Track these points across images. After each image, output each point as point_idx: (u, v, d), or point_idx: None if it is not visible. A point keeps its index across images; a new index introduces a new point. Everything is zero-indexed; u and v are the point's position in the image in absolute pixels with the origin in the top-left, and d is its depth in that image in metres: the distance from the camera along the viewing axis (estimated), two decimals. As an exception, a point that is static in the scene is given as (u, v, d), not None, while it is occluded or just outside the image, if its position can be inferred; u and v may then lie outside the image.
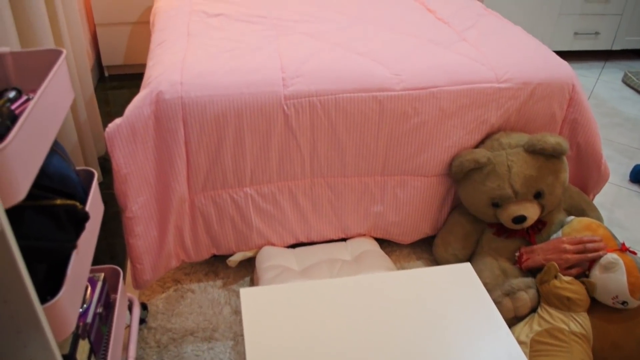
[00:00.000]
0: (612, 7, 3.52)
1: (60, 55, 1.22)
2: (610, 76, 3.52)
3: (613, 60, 3.77)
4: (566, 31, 3.54)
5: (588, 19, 3.53)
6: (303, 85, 1.54)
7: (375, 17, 2.00)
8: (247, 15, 1.93)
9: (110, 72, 3.26)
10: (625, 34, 3.65)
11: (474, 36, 1.88)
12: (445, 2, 2.21)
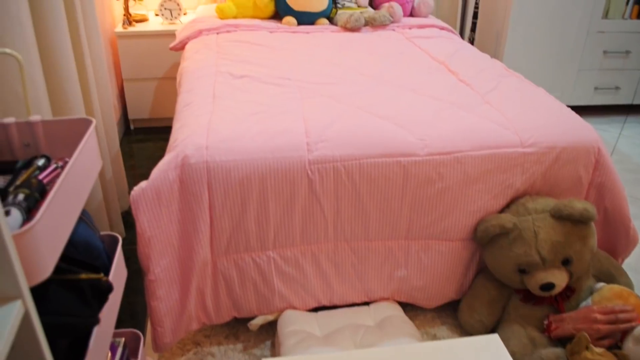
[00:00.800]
0: (631, 62, 3.53)
1: (90, 124, 1.24)
2: (632, 131, 3.49)
3: (635, 115, 3.75)
4: (586, 86, 3.54)
5: (608, 73, 3.53)
6: (327, 150, 1.54)
7: (398, 78, 2.01)
8: (272, 77, 1.96)
9: (135, 125, 3.32)
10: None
11: (496, 99, 1.88)
12: (466, 63, 2.23)
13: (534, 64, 3.39)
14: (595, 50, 3.43)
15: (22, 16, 1.53)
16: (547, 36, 3.33)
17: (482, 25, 3.57)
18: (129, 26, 3.04)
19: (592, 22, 3.35)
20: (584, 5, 3.29)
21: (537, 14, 3.25)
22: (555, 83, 3.47)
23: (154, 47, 3.03)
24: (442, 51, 2.35)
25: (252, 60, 2.15)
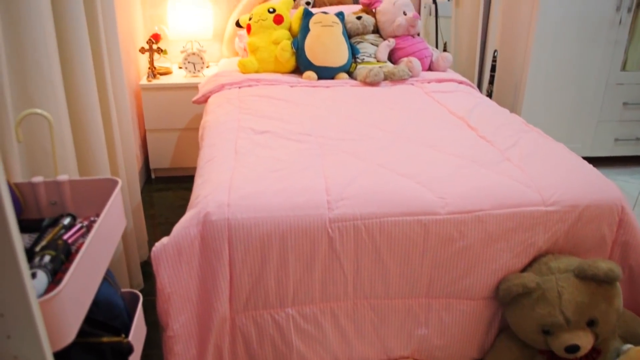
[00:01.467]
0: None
1: (116, 185, 1.26)
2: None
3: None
4: (607, 137, 3.52)
5: (628, 125, 3.52)
6: (348, 209, 1.55)
7: (417, 135, 2.03)
8: (292, 133, 1.99)
9: (156, 174, 3.36)
10: (667, 138, 3.62)
11: (517, 155, 1.89)
12: (486, 118, 2.24)
13: (553, 115, 3.40)
14: (615, 101, 3.44)
15: (54, 76, 1.58)
16: (565, 88, 3.35)
17: (500, 78, 3.60)
18: (153, 79, 3.13)
19: (611, 74, 3.36)
20: (601, 58, 3.31)
21: (555, 66, 3.27)
22: (575, 134, 3.47)
23: (177, 99, 3.10)
24: (461, 106, 2.37)
25: (273, 115, 2.19)
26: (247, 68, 2.78)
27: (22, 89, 1.50)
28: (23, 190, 1.31)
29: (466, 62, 3.81)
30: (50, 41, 1.56)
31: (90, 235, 1.05)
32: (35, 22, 1.49)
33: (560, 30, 3.20)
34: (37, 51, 1.50)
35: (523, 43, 3.30)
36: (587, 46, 3.27)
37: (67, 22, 1.71)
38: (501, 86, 3.60)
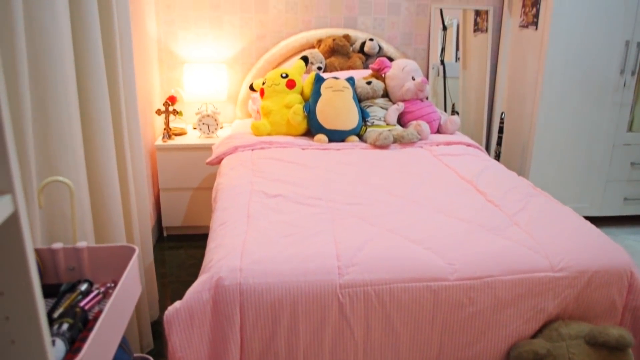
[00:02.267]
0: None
1: (133, 253, 1.30)
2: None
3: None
4: (615, 197, 3.54)
5: (636, 184, 3.54)
6: (358, 274, 1.57)
7: (426, 199, 2.07)
8: (304, 197, 2.04)
9: (168, 232, 3.41)
10: (677, 197, 3.63)
11: (525, 220, 1.91)
12: (494, 182, 2.28)
13: (562, 175, 3.43)
14: (623, 162, 3.47)
15: (76, 144, 1.65)
16: (573, 149, 3.39)
17: (508, 139, 3.66)
18: (168, 139, 3.22)
19: (618, 135, 3.42)
20: (608, 119, 3.37)
21: (561, 128, 3.33)
22: (584, 194, 3.49)
23: (191, 159, 3.18)
24: (470, 170, 2.41)
25: (285, 178, 2.24)
26: (260, 131, 2.86)
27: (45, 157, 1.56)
28: (43, 256, 1.35)
29: (474, 123, 3.88)
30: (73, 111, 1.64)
31: (107, 305, 1.08)
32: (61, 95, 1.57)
33: (566, 92, 3.27)
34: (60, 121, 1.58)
35: (530, 105, 3.38)
36: (593, 108, 3.33)
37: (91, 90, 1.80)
38: (509, 147, 3.65)
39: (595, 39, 3.21)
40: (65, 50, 1.58)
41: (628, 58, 3.27)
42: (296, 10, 3.53)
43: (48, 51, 1.52)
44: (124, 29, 2.10)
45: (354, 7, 3.59)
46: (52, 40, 1.53)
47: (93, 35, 1.77)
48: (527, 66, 3.42)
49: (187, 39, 3.49)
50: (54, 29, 1.53)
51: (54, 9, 1.52)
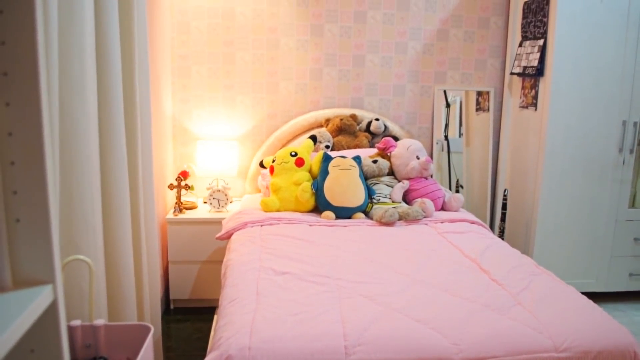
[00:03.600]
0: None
1: (149, 332, 1.36)
2: (673, 317, 3.43)
3: (674, 300, 3.70)
4: (621, 272, 3.56)
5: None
6: (364, 354, 1.60)
7: (431, 277, 2.11)
8: (312, 275, 2.09)
9: (175, 304, 3.43)
10: (684, 274, 3.64)
11: (528, 300, 1.95)
12: (497, 261, 2.33)
13: (567, 251, 3.47)
14: (626, 237, 3.52)
15: (96, 222, 1.73)
16: (576, 225, 3.45)
17: (512, 216, 3.73)
18: (179, 213, 3.31)
19: (620, 211, 3.48)
20: (609, 196, 3.44)
21: (564, 205, 3.40)
22: (589, 270, 3.52)
23: (201, 233, 3.26)
24: (474, 247, 2.47)
25: (293, 255, 2.30)
26: (269, 207, 2.95)
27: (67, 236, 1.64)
28: (61, 335, 1.40)
29: (478, 198, 3.97)
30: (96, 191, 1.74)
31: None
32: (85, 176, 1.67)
33: (567, 170, 3.37)
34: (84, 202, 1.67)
35: (532, 182, 3.46)
36: (594, 185, 3.42)
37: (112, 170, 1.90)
38: (513, 224, 3.71)
39: (593, 119, 3.34)
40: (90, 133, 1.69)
41: (626, 137, 3.39)
42: (305, 91, 3.71)
43: (75, 136, 1.64)
44: (145, 110, 2.23)
45: (361, 89, 3.76)
46: (79, 126, 1.64)
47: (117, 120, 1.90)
48: (528, 145, 3.53)
49: (201, 116, 3.65)
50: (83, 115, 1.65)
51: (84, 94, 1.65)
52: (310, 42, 3.66)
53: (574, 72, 3.26)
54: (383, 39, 3.73)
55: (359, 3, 3.66)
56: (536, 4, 3.41)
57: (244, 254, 2.36)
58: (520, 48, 3.60)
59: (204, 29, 3.56)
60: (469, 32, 3.82)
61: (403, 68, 3.79)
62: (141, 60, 2.16)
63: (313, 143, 3.23)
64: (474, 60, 3.86)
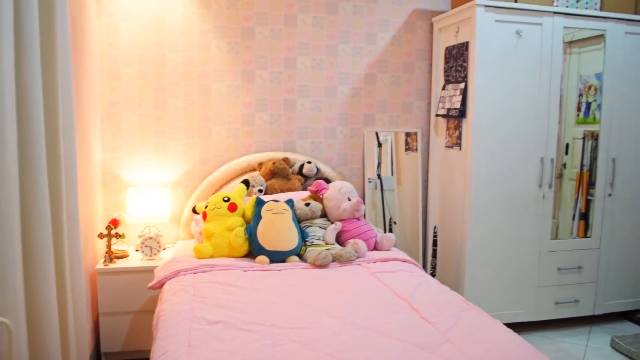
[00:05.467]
0: (585, 275, 3.77)
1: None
2: (598, 341, 3.59)
3: (598, 324, 3.88)
4: (547, 301, 3.72)
5: (566, 288, 3.74)
6: (298, 403, 1.60)
7: (364, 319, 2.15)
8: (245, 323, 2.08)
9: (107, 358, 3.30)
10: (604, 298, 3.84)
11: (457, 336, 2.01)
12: (427, 298, 2.39)
13: (496, 284, 3.60)
14: (550, 268, 3.69)
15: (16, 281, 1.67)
16: (503, 258, 3.59)
17: (443, 252, 3.85)
18: (110, 263, 3.21)
19: (543, 243, 3.66)
20: (532, 229, 3.62)
21: (491, 239, 3.55)
22: (518, 301, 3.65)
23: (133, 282, 3.17)
24: (405, 286, 2.53)
25: (226, 303, 2.28)
26: (203, 254, 2.92)
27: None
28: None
29: (411, 235, 4.07)
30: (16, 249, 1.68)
31: None
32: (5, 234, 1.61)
33: (492, 206, 3.52)
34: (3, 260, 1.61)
35: (460, 219, 3.60)
36: (518, 219, 3.58)
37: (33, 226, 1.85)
38: (444, 260, 3.83)
39: (513, 157, 3.53)
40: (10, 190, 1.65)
41: (544, 173, 3.59)
42: (238, 136, 3.74)
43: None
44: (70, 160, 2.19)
45: (293, 132, 3.83)
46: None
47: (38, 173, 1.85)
48: (455, 182, 3.68)
49: (132, 163, 3.60)
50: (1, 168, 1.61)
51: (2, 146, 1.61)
52: (241, 87, 3.71)
53: (493, 113, 3.45)
54: (313, 84, 3.83)
55: (288, 49, 3.76)
56: (457, 49, 3.60)
57: (176, 304, 2.32)
58: (444, 91, 3.78)
59: (134, 76, 3.54)
60: (395, 76, 3.98)
61: (333, 111, 3.89)
62: (65, 108, 2.13)
63: (246, 187, 3.24)
64: (400, 103, 4.02)
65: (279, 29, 3.73)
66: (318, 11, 3.79)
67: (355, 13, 3.86)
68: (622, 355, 3.36)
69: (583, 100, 3.87)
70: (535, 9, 3.44)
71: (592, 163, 3.78)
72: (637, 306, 3.96)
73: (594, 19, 3.59)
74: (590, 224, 3.80)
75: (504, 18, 3.40)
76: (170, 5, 3.55)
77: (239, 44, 3.67)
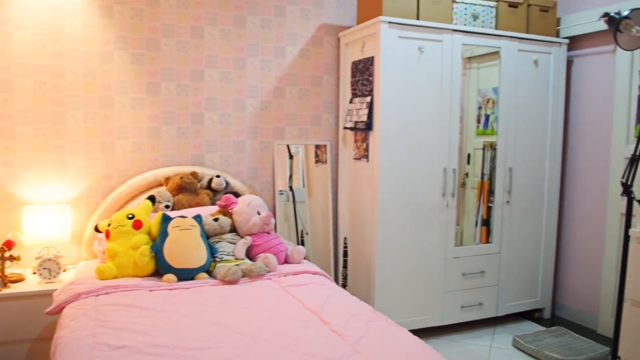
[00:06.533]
0: (488, 279, 3.96)
1: None
2: (501, 341, 3.77)
3: (501, 325, 4.08)
4: (453, 306, 3.86)
5: (471, 292, 3.91)
6: None
7: (274, 336, 2.13)
8: (150, 346, 2.00)
9: (0, 392, 3.08)
10: (505, 300, 4.05)
11: (366, 347, 2.04)
12: (337, 310, 2.41)
13: (404, 291, 3.69)
14: (455, 273, 3.84)
15: None
16: (411, 266, 3.69)
17: (354, 262, 3.90)
18: (4, 287, 3.00)
19: (448, 250, 3.80)
20: (437, 237, 3.75)
21: (399, 248, 3.64)
22: (426, 307, 3.76)
23: (30, 307, 2.98)
24: (315, 299, 2.54)
25: (130, 326, 2.19)
26: (105, 275, 2.79)
27: None
28: None
29: (322, 247, 4.11)
30: None
31: None
32: None
33: (399, 216, 3.62)
34: None
35: (369, 229, 3.67)
36: (424, 228, 3.70)
37: None
38: (355, 270, 3.89)
39: (418, 168, 3.65)
40: None
41: (447, 183, 3.74)
42: (143, 150, 3.62)
43: None
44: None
45: (201, 146, 3.76)
46: None
47: None
48: (363, 194, 3.76)
49: (27, 180, 3.38)
50: None
51: None
52: (146, 100, 3.60)
53: (399, 126, 3.56)
54: (221, 97, 3.79)
55: (195, 62, 3.70)
56: (363, 64, 3.69)
57: (76, 330, 2.19)
58: (351, 104, 3.86)
59: (29, 87, 3.34)
60: (303, 89, 4.02)
61: (242, 124, 3.86)
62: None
63: (151, 204, 3.14)
64: (309, 116, 4.06)
65: (185, 40, 3.66)
66: (226, 24, 3.76)
67: (263, 27, 3.86)
68: (523, 354, 3.55)
69: (482, 112, 4.08)
70: (435, 27, 3.59)
71: (492, 172, 3.99)
72: (536, 306, 4.22)
73: (489, 36, 3.80)
74: (491, 229, 4.00)
75: (407, 34, 3.52)
76: (68, 14, 3.39)
77: (143, 55, 3.57)
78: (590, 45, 4.06)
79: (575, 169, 4.22)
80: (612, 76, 3.88)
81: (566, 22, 4.17)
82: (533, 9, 3.97)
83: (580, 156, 4.19)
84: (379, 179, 3.54)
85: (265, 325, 2.24)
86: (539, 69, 4.01)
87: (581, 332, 3.95)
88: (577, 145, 4.21)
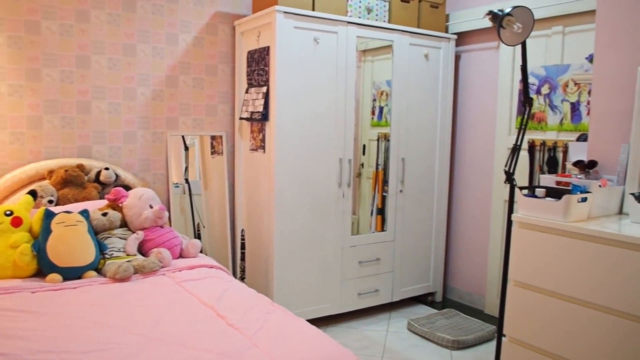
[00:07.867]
0: (383, 266, 4.09)
1: None
2: (397, 326, 3.91)
3: (397, 310, 4.24)
4: (351, 293, 3.95)
5: (367, 280, 4.01)
6: None
7: (168, 333, 2.06)
8: (32, 352, 1.86)
9: None
10: (400, 286, 4.20)
11: (263, 339, 2.03)
12: (234, 304, 2.38)
13: (303, 281, 3.72)
14: (352, 261, 3.92)
15: None
16: (309, 255, 3.72)
17: (252, 254, 3.88)
18: None
19: (344, 239, 3.87)
20: (334, 226, 3.80)
21: (296, 238, 3.65)
22: (324, 295, 3.82)
23: None
24: (211, 294, 2.49)
25: (10, 332, 2.02)
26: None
27: None
28: None
29: (220, 240, 4.04)
30: None
31: None
32: None
33: (296, 206, 3.63)
34: None
35: (266, 220, 3.65)
36: (321, 217, 3.75)
37: None
38: (253, 262, 3.86)
39: (314, 158, 3.68)
40: None
41: (342, 173, 3.80)
42: (23, 142, 3.35)
43: None
44: None
45: (88, 137, 3.55)
46: None
47: None
48: (260, 185, 3.73)
49: None
50: None
51: None
52: (26, 87, 3.34)
53: (295, 116, 3.56)
54: (110, 85, 3.59)
55: (80, 47, 3.47)
56: (258, 53, 3.65)
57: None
58: (247, 94, 3.81)
59: None
60: (197, 78, 3.91)
61: (133, 114, 3.69)
62: None
63: (33, 199, 2.92)
64: (204, 106, 3.96)
65: (69, 24, 3.43)
66: (114, 8, 3.57)
67: (154, 12, 3.71)
68: (417, 336, 3.70)
69: (377, 104, 4.19)
70: (330, 18, 3.62)
71: (386, 162, 4.11)
72: (428, 290, 4.42)
73: (383, 30, 3.90)
74: (386, 218, 4.13)
75: (303, 25, 3.53)
76: None
77: (22, 38, 3.30)
78: (477, 41, 4.29)
79: (463, 159, 4.46)
80: (497, 71, 4.13)
81: (454, 19, 4.37)
82: (424, 4, 4.12)
83: (467, 147, 4.42)
84: (276, 170, 3.52)
85: (159, 323, 2.16)
86: (429, 63, 4.18)
87: (470, 313, 4.20)
88: (464, 137, 4.44)
